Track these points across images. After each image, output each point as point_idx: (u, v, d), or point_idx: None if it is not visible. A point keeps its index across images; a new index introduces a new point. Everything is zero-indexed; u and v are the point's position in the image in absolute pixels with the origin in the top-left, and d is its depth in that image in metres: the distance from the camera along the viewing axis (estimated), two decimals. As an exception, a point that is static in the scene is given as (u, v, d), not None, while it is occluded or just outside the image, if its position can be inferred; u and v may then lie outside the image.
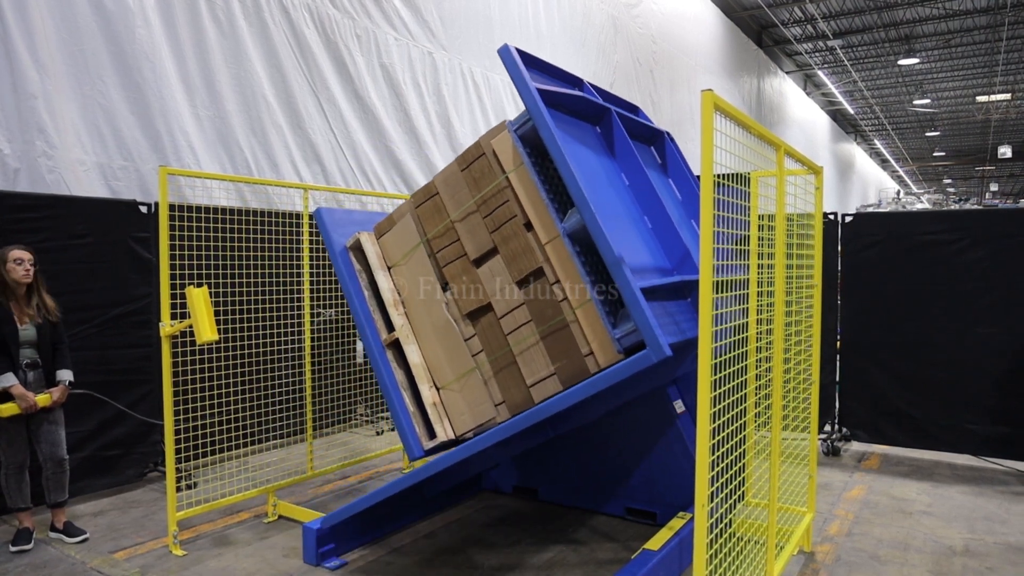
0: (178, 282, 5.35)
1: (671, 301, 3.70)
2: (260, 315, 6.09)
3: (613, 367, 3.20)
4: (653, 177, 4.19)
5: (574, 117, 4.03)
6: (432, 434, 3.76)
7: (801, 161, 4.04)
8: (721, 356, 3.08)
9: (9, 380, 4.23)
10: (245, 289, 6.00)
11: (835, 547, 4.47)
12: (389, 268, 4.09)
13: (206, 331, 4.18)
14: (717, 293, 2.83)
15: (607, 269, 3.57)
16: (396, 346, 3.88)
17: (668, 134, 4.79)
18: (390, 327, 3.93)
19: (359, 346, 6.96)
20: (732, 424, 3.13)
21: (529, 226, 3.67)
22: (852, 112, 31.21)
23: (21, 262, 4.33)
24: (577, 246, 3.50)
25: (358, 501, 4.08)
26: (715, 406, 2.75)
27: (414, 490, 4.87)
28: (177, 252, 5.40)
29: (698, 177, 4.56)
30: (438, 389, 3.79)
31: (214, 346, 5.72)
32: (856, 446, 6.89)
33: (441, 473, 4.36)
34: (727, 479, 3.59)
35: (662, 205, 4.01)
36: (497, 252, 3.74)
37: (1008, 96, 27.54)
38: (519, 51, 3.61)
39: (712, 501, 2.83)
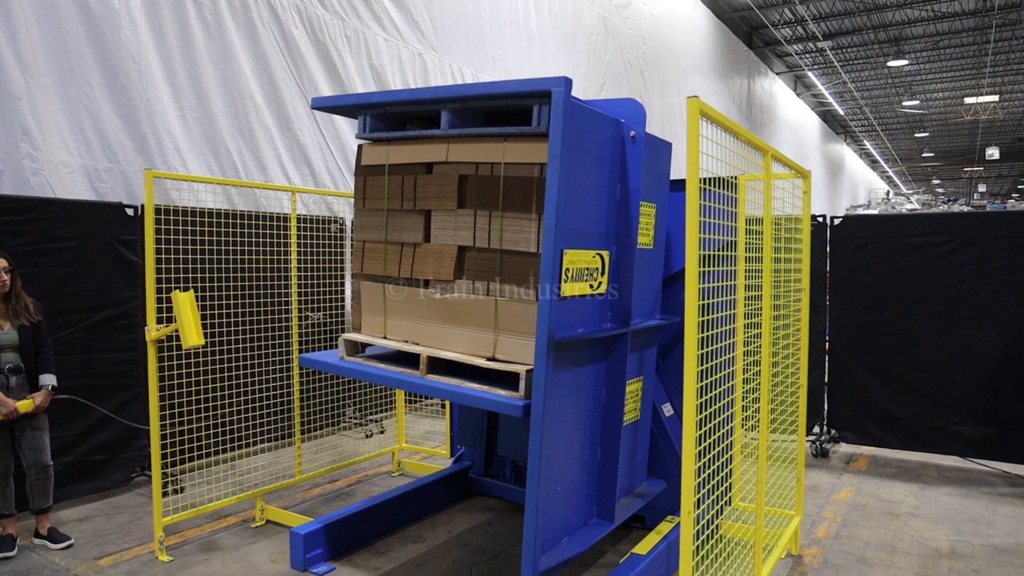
0: (164, 286, 5.31)
1: None
2: (248, 318, 6.05)
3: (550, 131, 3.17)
4: None
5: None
6: (514, 381, 3.53)
7: (788, 165, 4.05)
8: (708, 337, 3.07)
9: (-10, 386, 4.18)
10: (232, 292, 5.96)
11: (822, 550, 4.48)
12: (385, 337, 4.10)
13: (192, 336, 4.15)
14: (703, 283, 2.83)
15: (504, 111, 3.70)
16: (435, 366, 3.83)
17: None
18: (415, 367, 3.91)
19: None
20: (720, 428, 3.13)
21: (430, 167, 3.78)
22: (842, 113, 31.37)
23: None
24: (466, 123, 3.62)
25: (353, 505, 4.03)
26: (702, 412, 2.75)
27: (406, 494, 4.86)
28: (163, 255, 5.36)
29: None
30: (494, 360, 3.71)
31: (201, 350, 5.68)
32: (844, 448, 6.91)
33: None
34: (715, 483, 3.59)
35: None
36: (431, 212, 3.80)
37: (996, 98, 27.74)
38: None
39: (699, 506, 2.82)
